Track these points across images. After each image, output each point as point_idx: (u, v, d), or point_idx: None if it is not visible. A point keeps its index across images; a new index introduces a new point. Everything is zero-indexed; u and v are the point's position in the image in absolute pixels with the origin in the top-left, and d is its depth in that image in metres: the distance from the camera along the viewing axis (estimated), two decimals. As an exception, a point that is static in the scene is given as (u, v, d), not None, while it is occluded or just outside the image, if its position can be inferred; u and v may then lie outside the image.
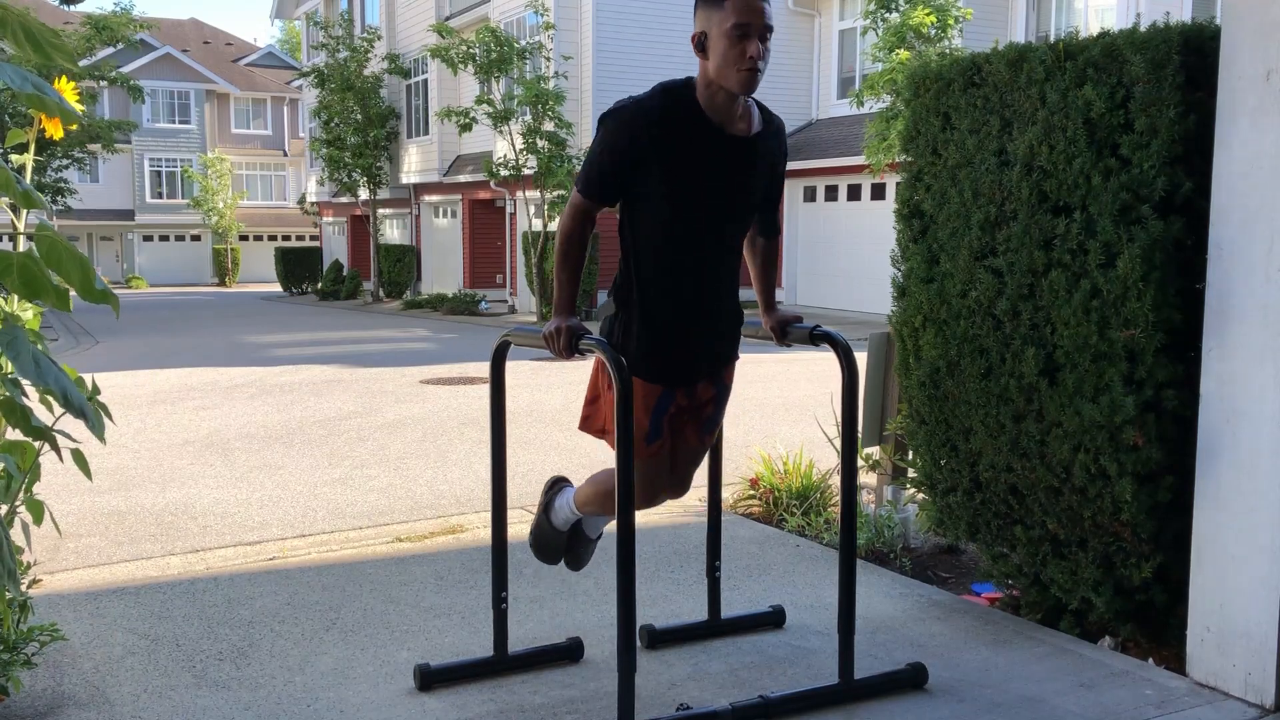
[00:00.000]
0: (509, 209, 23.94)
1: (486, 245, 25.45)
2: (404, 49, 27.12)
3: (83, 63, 24.58)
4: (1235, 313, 2.96)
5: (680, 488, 3.18)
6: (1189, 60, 3.08)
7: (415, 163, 27.42)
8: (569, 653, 3.39)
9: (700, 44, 2.79)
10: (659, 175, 2.83)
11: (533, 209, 20.59)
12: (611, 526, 3.11)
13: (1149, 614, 3.41)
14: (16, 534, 3.19)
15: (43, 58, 1.73)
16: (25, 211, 2.44)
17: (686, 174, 2.85)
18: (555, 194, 19.32)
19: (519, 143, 19.64)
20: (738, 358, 3.16)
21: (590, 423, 3.11)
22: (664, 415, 2.98)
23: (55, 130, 2.75)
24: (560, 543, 3.41)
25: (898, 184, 4.04)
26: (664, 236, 2.90)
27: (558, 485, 3.41)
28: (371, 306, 26.29)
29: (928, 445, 3.90)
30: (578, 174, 2.94)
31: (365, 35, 26.89)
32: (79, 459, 3.03)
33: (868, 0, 15.35)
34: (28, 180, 2.31)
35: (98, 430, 2.10)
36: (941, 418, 3.79)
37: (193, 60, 44.96)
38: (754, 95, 2.91)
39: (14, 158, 2.91)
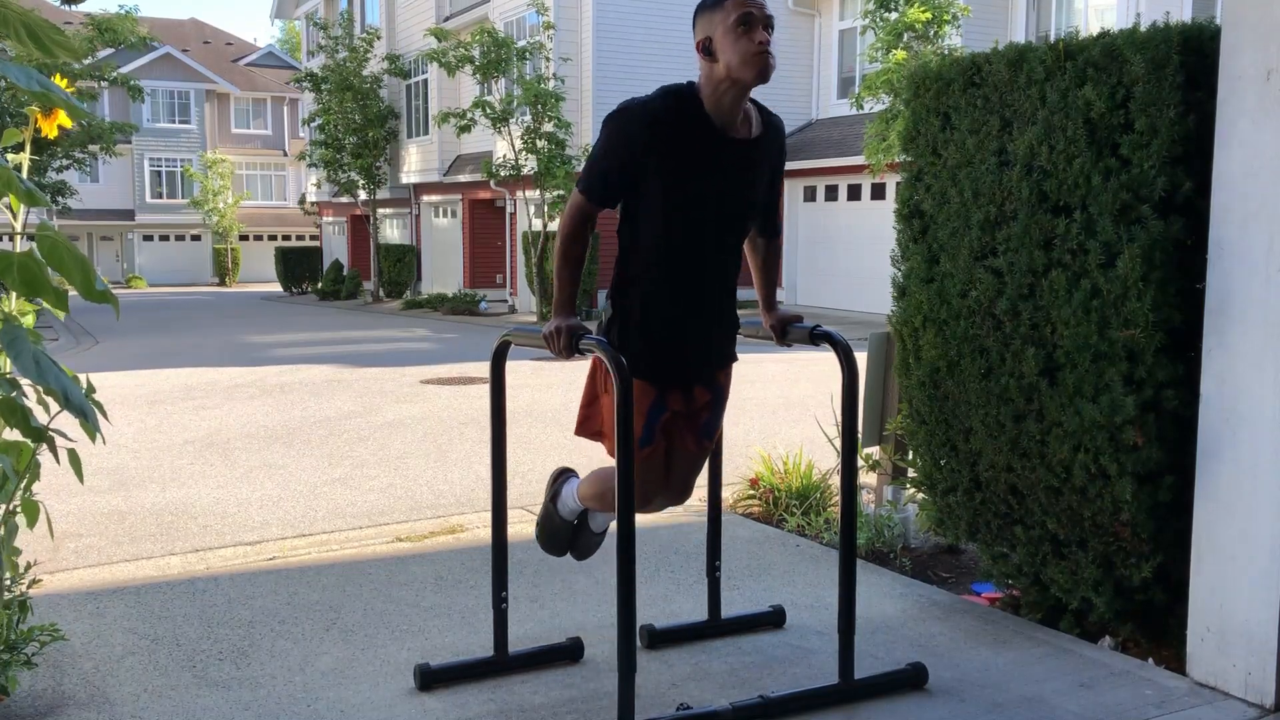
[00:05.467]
0: (509, 209, 23.94)
1: (486, 245, 25.45)
2: (404, 49, 27.12)
3: (83, 63, 24.53)
4: (1235, 313, 2.96)
5: (681, 494, 3.16)
6: (1189, 60, 3.08)
7: (415, 162, 27.42)
8: (569, 652, 3.39)
9: (706, 48, 2.80)
10: (660, 177, 2.83)
11: (533, 209, 20.59)
12: (612, 526, 3.11)
13: (1149, 614, 3.41)
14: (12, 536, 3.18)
15: (46, 54, 1.74)
16: (26, 210, 2.44)
17: (688, 176, 2.84)
18: (555, 194, 19.33)
19: (518, 143, 19.64)
20: (735, 359, 3.16)
21: (587, 425, 3.09)
22: (657, 421, 2.97)
23: (50, 129, 2.75)
24: (567, 533, 3.40)
25: (898, 184, 4.04)
26: (663, 238, 2.89)
27: (564, 475, 3.41)
28: (371, 306, 26.29)
29: (928, 445, 3.90)
30: (579, 174, 2.94)
31: (364, 35, 26.88)
32: (73, 459, 3.02)
33: (866, 0, 15.37)
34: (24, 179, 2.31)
35: (91, 430, 2.10)
36: (941, 418, 3.79)
37: (193, 60, 44.95)
38: (754, 96, 2.92)
39: (10, 157, 2.90)
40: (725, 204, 2.92)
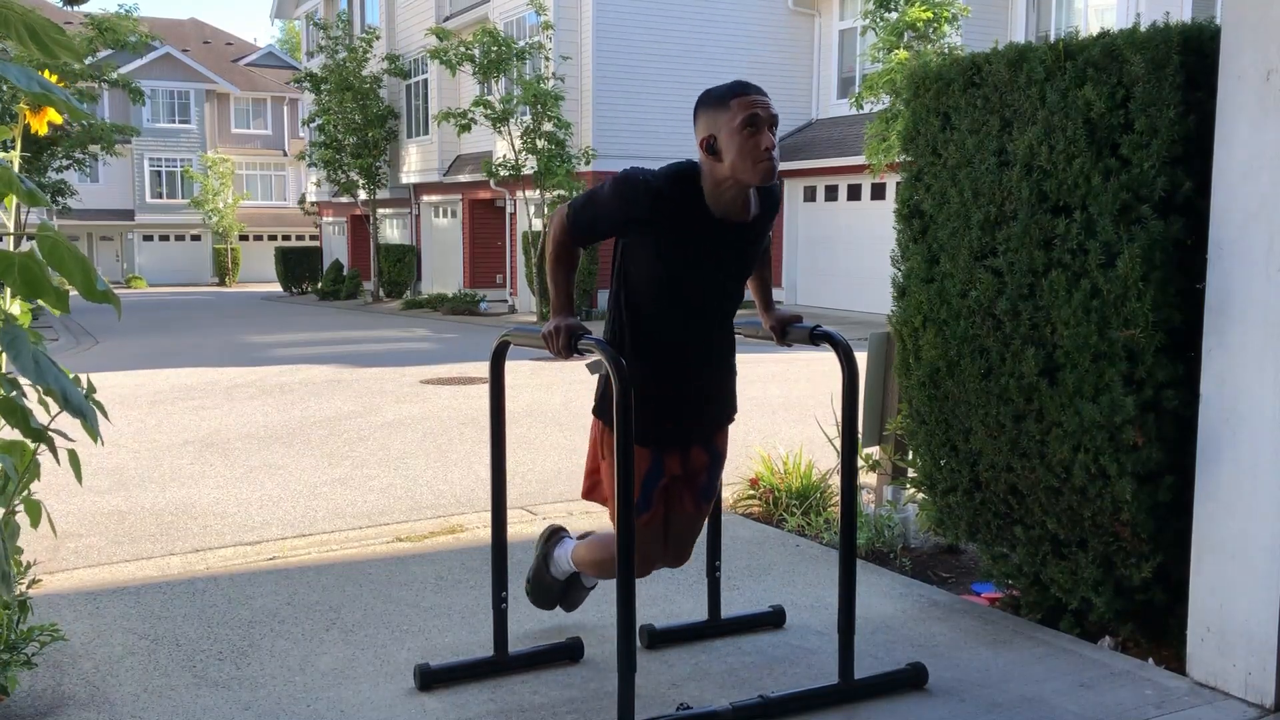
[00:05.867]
0: (509, 209, 23.93)
1: (486, 245, 25.44)
2: (404, 49, 27.11)
3: (83, 63, 24.46)
4: (1235, 313, 2.96)
5: (679, 557, 3.16)
6: (1189, 60, 3.08)
7: (415, 162, 27.42)
8: (569, 652, 3.39)
9: (710, 146, 2.77)
10: (657, 251, 2.84)
11: (533, 209, 20.59)
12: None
13: (1149, 614, 3.41)
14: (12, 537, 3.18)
15: (48, 55, 1.73)
16: (26, 211, 2.45)
17: (684, 256, 2.85)
18: (555, 194, 19.33)
19: (518, 143, 19.64)
20: (733, 420, 3.16)
21: (595, 492, 3.10)
22: (655, 487, 2.97)
23: (40, 126, 2.74)
24: (558, 590, 3.47)
25: (898, 184, 4.04)
26: (657, 303, 2.91)
27: (556, 536, 3.44)
28: (371, 306, 26.28)
29: (928, 445, 3.90)
30: (578, 197, 2.93)
31: (364, 35, 26.87)
32: (73, 460, 3.02)
33: (866, 0, 15.37)
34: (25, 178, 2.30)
35: (92, 430, 2.09)
36: (941, 418, 3.79)
37: (193, 60, 44.93)
38: None
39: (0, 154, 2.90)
40: (720, 279, 2.93)
